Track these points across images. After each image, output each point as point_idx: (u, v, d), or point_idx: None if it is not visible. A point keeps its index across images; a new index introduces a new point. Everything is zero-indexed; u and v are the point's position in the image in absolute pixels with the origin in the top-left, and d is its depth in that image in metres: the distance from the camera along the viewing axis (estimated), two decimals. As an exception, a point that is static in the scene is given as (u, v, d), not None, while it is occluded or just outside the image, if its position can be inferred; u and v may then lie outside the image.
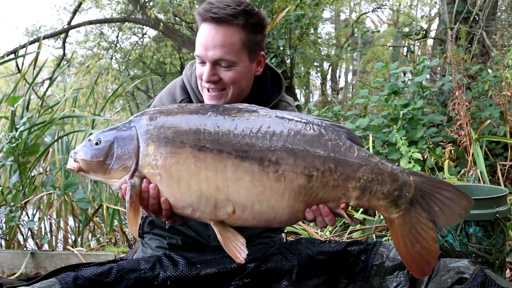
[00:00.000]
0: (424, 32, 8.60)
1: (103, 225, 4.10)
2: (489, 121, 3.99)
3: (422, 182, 1.44)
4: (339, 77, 21.07)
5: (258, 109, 1.49)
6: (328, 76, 17.56)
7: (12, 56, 8.62)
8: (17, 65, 9.04)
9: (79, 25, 13.15)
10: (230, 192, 1.40)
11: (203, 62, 1.71)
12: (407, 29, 8.08)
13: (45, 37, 12.23)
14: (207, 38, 1.66)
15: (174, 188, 1.43)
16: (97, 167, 1.47)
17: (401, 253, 1.46)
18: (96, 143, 1.47)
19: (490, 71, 4.71)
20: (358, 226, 3.19)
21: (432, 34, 8.77)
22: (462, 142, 3.70)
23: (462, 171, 3.57)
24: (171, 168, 1.41)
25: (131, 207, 1.42)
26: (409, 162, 3.59)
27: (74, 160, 1.50)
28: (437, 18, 9.33)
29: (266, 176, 1.39)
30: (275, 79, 1.97)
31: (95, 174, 1.49)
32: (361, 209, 3.39)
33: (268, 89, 1.92)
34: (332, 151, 1.42)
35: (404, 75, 6.52)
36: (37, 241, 3.51)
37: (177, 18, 13.04)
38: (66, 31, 12.84)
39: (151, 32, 15.28)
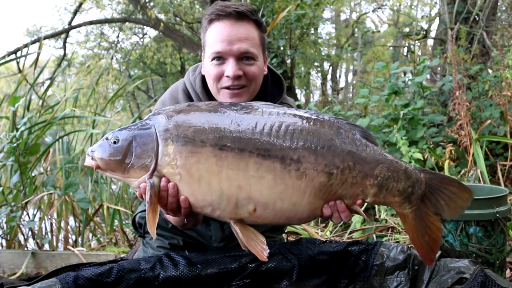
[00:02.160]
0: (424, 32, 8.60)
1: (103, 225, 4.10)
2: (489, 121, 3.99)
3: (431, 179, 1.51)
4: (340, 77, 21.07)
5: (275, 107, 1.49)
6: (329, 76, 17.54)
7: (13, 56, 8.62)
8: (18, 66, 9.05)
9: (79, 25, 13.14)
10: (252, 191, 1.40)
11: (222, 59, 1.72)
12: (407, 29, 8.09)
13: (45, 37, 12.22)
14: (230, 32, 1.70)
15: (195, 187, 1.41)
16: (116, 166, 1.45)
17: (415, 244, 1.55)
18: (114, 142, 1.45)
19: (490, 71, 4.72)
20: (358, 226, 3.20)
21: (433, 34, 8.77)
22: (462, 142, 3.70)
23: (463, 171, 3.57)
24: (191, 168, 1.40)
25: (150, 208, 1.40)
26: (410, 162, 3.59)
27: (92, 158, 1.48)
28: (437, 18, 9.32)
29: (288, 174, 1.40)
30: (276, 81, 1.98)
31: (113, 173, 1.47)
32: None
33: (270, 91, 1.93)
34: (350, 149, 1.44)
35: (405, 75, 6.52)
36: (38, 241, 3.52)
37: (177, 18, 13.03)
38: (66, 31, 12.83)
39: (152, 32, 15.28)
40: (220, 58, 1.72)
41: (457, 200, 1.48)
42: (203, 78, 1.87)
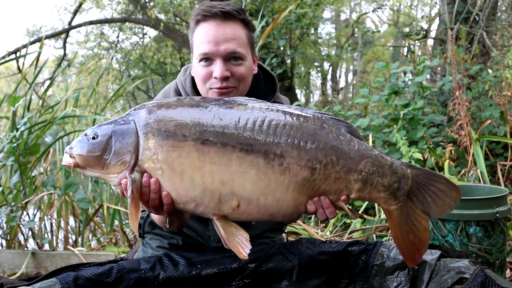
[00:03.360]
0: (424, 32, 8.60)
1: (103, 225, 4.11)
2: (489, 121, 3.99)
3: (418, 175, 1.48)
4: (340, 77, 21.06)
5: (259, 102, 1.48)
6: (329, 76, 17.54)
7: (13, 56, 8.62)
8: (18, 66, 9.05)
9: (79, 25, 13.15)
10: (235, 186, 1.39)
11: (210, 60, 1.71)
12: (407, 29, 8.10)
13: (46, 37, 12.23)
14: (216, 33, 1.68)
15: (177, 183, 1.40)
16: (94, 162, 1.42)
17: (397, 243, 1.51)
18: (93, 138, 1.43)
19: (490, 71, 4.72)
20: (358, 226, 3.20)
21: (433, 34, 8.77)
22: (462, 142, 3.70)
23: (463, 171, 3.57)
24: (173, 162, 1.38)
25: (132, 203, 1.39)
26: (410, 162, 3.59)
27: (70, 156, 1.45)
28: (437, 18, 9.33)
29: (271, 169, 1.39)
30: (269, 80, 1.97)
31: (92, 169, 1.44)
32: (362, 208, 3.39)
33: (262, 91, 1.92)
34: (333, 144, 1.43)
35: (405, 75, 6.52)
36: (38, 241, 3.52)
37: (177, 18, 13.04)
38: (66, 31, 12.83)
39: (152, 32, 15.28)
40: (207, 59, 1.71)
41: (444, 198, 1.45)
42: (193, 79, 1.87)
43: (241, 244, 1.42)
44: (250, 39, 1.77)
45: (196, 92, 1.86)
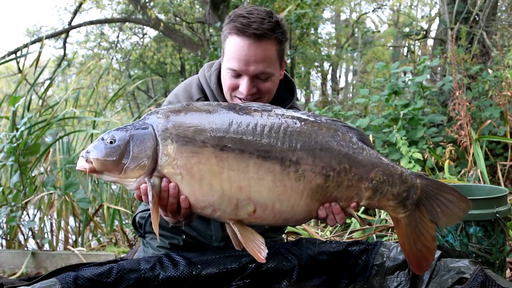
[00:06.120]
0: (424, 32, 8.60)
1: (103, 225, 4.11)
2: (489, 121, 4.00)
3: (427, 185, 1.50)
4: (340, 77, 21.04)
5: (274, 108, 1.49)
6: (329, 76, 17.54)
7: (13, 56, 8.62)
8: (18, 66, 9.05)
9: (79, 25, 13.16)
10: (252, 192, 1.40)
11: (238, 76, 1.74)
12: (407, 29, 8.09)
13: (46, 37, 12.23)
14: (248, 53, 1.69)
15: (196, 188, 1.41)
16: (112, 166, 1.42)
17: (404, 251, 1.53)
18: (111, 142, 1.42)
19: (490, 71, 4.72)
20: (358, 226, 3.20)
21: (433, 34, 8.76)
22: (462, 142, 3.70)
23: (463, 171, 3.57)
24: (192, 168, 1.39)
25: (153, 207, 1.40)
26: (410, 162, 3.59)
27: (86, 160, 1.44)
28: (437, 18, 9.32)
29: (287, 176, 1.41)
30: (288, 85, 1.99)
31: (110, 174, 1.44)
32: (361, 209, 3.39)
33: (282, 95, 1.95)
34: (346, 151, 1.45)
35: (405, 75, 6.51)
36: (38, 241, 3.52)
37: (177, 18, 13.04)
38: (66, 31, 12.84)
39: (152, 32, 15.29)
40: (236, 74, 1.74)
41: (453, 208, 1.47)
42: (218, 75, 1.88)
43: (258, 248, 1.44)
44: (280, 52, 1.78)
45: (221, 89, 1.88)
